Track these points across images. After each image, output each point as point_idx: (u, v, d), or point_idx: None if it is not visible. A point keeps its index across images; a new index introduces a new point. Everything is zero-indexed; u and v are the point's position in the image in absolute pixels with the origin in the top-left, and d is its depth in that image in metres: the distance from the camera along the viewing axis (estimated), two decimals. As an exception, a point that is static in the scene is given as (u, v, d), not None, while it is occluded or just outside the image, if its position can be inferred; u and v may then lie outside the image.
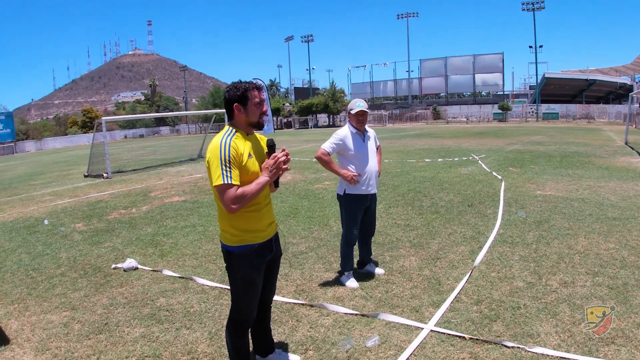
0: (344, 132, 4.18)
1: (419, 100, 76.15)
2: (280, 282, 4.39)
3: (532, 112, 55.98)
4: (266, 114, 2.56)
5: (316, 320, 3.54)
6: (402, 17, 74.60)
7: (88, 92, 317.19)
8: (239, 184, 2.35)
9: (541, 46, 63.75)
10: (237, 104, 2.47)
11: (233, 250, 2.52)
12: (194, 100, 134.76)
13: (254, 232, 2.53)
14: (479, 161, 13.18)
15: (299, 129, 60.88)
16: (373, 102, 77.57)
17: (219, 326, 3.53)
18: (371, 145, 4.28)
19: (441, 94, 76.93)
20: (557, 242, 5.24)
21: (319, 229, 6.30)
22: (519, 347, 2.99)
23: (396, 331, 3.30)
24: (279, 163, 2.42)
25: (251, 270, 2.55)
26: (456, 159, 14.16)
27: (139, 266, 5.11)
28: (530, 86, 73.15)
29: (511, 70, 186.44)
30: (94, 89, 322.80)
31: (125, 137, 69.74)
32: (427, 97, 77.76)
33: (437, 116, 63.33)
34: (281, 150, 2.46)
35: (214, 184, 2.34)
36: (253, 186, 2.38)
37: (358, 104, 4.13)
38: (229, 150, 2.35)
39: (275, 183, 2.57)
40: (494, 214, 6.68)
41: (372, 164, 4.21)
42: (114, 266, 5.17)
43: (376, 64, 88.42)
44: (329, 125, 64.61)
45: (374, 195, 4.32)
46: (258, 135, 2.67)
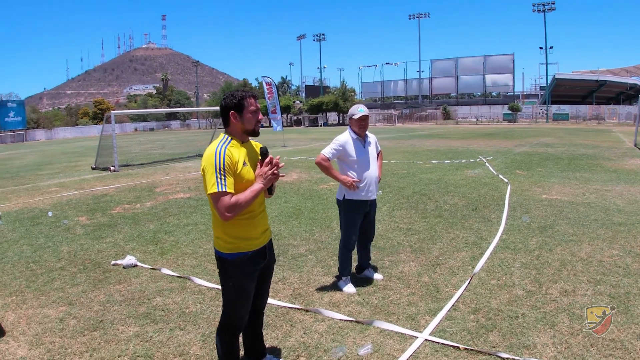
0: (345, 137, 4.14)
1: (429, 100, 75.85)
2: (277, 285, 4.37)
3: (542, 113, 55.50)
4: (261, 121, 2.56)
5: (310, 326, 3.51)
6: (414, 18, 74.43)
7: (100, 83, 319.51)
8: (233, 192, 2.36)
9: (552, 47, 63.44)
10: (234, 112, 2.48)
11: (226, 257, 2.52)
12: (205, 96, 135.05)
13: (248, 239, 2.53)
14: (486, 163, 13.07)
15: (308, 126, 60.86)
16: (383, 101, 77.40)
17: (212, 328, 3.52)
18: (372, 151, 4.24)
19: (451, 94, 76.59)
20: (560, 248, 5.16)
21: (321, 231, 6.26)
22: (513, 359, 2.94)
23: (390, 339, 3.26)
24: (272, 170, 2.43)
25: (244, 278, 2.54)
26: (463, 160, 14.05)
27: (138, 263, 5.12)
28: (540, 87, 72.64)
29: (522, 71, 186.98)
30: (107, 80, 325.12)
31: (136, 129, 70.28)
32: (437, 97, 77.46)
33: (447, 116, 63.02)
34: (276, 159, 2.48)
35: (209, 191, 2.35)
36: (247, 194, 2.38)
37: (360, 109, 4.09)
38: (224, 159, 2.36)
39: (269, 190, 2.56)
40: (498, 218, 6.60)
41: (373, 170, 4.16)
42: (113, 262, 5.19)
43: (387, 63, 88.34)
44: (339, 124, 64.55)
45: (373, 201, 4.28)
46: (253, 142, 2.66)
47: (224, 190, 2.32)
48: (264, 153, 2.51)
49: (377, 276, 4.46)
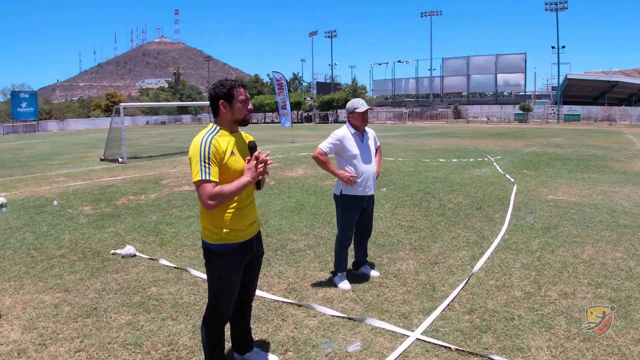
0: (342, 132, 4.09)
1: (440, 99, 75.28)
2: (272, 279, 4.35)
3: (554, 113, 54.72)
4: (251, 111, 2.54)
5: (301, 321, 3.48)
6: (426, 15, 73.79)
7: (113, 76, 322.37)
8: (217, 181, 2.35)
9: (564, 47, 62.54)
10: (223, 101, 2.47)
11: (213, 248, 2.51)
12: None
13: (235, 231, 2.51)
14: (494, 163, 12.93)
15: (318, 123, 60.70)
16: (394, 99, 77.00)
17: (203, 320, 3.51)
18: (370, 145, 4.19)
19: (463, 93, 75.88)
20: (563, 249, 5.07)
21: (321, 227, 6.23)
22: (505, 362, 2.88)
23: (381, 337, 3.22)
24: (259, 166, 2.42)
25: (229, 269, 2.53)
26: (471, 159, 13.91)
27: (137, 253, 5.13)
28: (552, 87, 71.67)
29: (533, 70, 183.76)
30: (119, 73, 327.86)
31: (147, 122, 70.67)
32: (448, 95, 76.81)
33: (457, 115, 62.45)
34: (264, 155, 2.46)
35: (193, 179, 2.36)
36: (233, 185, 2.38)
37: (362, 103, 4.04)
38: (209, 148, 2.36)
39: (257, 184, 2.54)
40: (502, 218, 6.52)
41: (370, 165, 4.11)
42: (112, 252, 5.21)
43: (398, 61, 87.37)
44: (349, 121, 64.16)
45: (371, 196, 4.22)
46: (244, 133, 2.64)
47: (207, 178, 2.32)
48: (252, 147, 2.49)
49: (374, 273, 4.41)
